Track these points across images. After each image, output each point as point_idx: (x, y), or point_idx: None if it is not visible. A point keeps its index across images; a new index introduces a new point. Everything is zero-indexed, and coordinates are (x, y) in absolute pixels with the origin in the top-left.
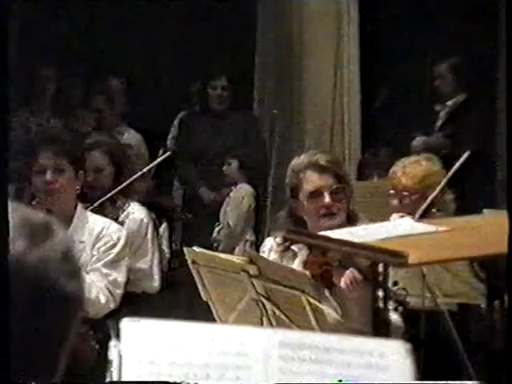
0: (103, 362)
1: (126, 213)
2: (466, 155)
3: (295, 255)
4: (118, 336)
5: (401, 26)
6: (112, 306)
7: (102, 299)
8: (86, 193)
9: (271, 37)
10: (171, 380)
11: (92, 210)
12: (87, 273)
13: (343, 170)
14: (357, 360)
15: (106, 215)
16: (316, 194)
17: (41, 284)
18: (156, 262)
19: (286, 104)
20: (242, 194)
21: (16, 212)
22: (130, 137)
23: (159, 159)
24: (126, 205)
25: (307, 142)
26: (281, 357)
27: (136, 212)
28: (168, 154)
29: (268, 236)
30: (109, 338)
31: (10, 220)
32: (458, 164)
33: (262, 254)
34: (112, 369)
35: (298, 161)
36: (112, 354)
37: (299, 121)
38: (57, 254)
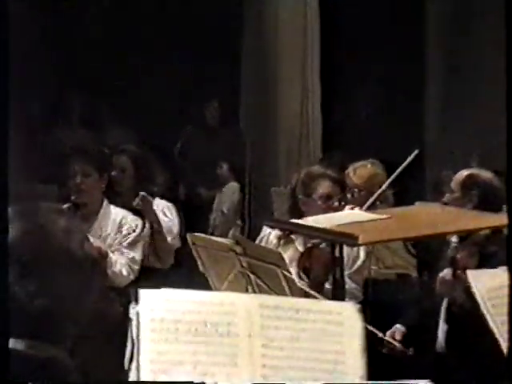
0: (125, 320)
1: (155, 205)
2: (413, 155)
3: (293, 241)
4: (136, 300)
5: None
6: (132, 277)
7: (124, 272)
8: (113, 186)
9: (253, 71)
10: (176, 333)
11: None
12: (112, 252)
13: (343, 182)
14: (320, 317)
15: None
16: (328, 197)
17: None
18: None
19: (264, 119)
20: (232, 189)
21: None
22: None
23: None
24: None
25: (281, 147)
26: (261, 315)
27: (159, 205)
28: None
29: (250, 221)
30: (130, 302)
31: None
32: (405, 163)
33: (261, 239)
34: (132, 325)
35: (314, 169)
36: (132, 313)
37: (274, 133)
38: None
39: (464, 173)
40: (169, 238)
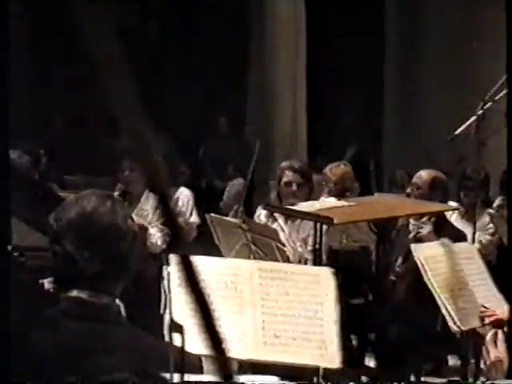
0: (160, 278)
1: (179, 191)
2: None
3: (276, 219)
4: (167, 263)
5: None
6: (164, 246)
7: (159, 242)
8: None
9: (257, 91)
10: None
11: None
12: (151, 227)
13: (307, 172)
14: (303, 278)
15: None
16: (289, 184)
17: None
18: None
19: (263, 131)
20: (238, 183)
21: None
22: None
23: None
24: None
25: (277, 152)
26: (260, 276)
27: (184, 191)
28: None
29: (256, 208)
30: (163, 265)
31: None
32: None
33: (255, 217)
34: (164, 281)
35: (283, 164)
36: (164, 273)
37: (271, 141)
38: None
39: (432, 174)
40: (185, 219)
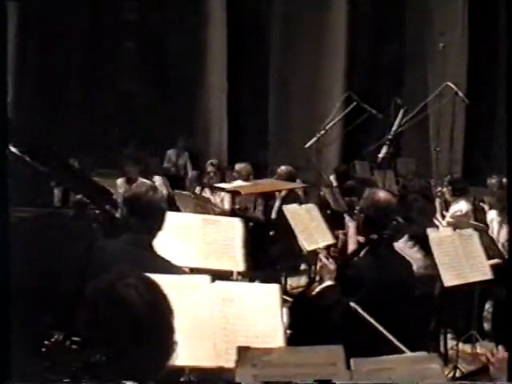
0: None
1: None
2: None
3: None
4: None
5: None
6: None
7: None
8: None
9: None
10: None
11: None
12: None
13: (221, 166)
14: (225, 222)
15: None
16: (208, 172)
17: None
18: None
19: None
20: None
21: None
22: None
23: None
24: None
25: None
26: (203, 223)
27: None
28: None
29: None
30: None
31: None
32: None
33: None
34: None
35: (208, 162)
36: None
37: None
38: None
39: (289, 168)
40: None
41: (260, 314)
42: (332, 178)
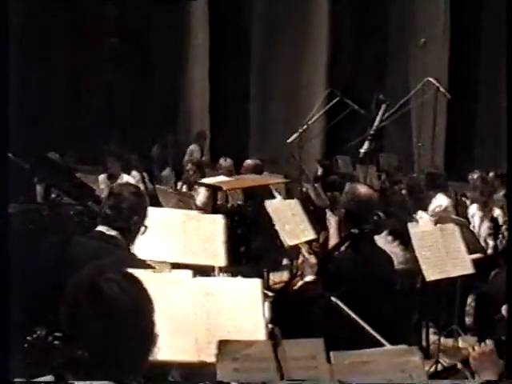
0: None
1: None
2: None
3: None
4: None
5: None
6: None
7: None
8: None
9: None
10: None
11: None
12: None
13: (200, 164)
14: (207, 219)
15: None
16: (189, 170)
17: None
18: None
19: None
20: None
21: None
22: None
23: None
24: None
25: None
26: (184, 221)
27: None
28: None
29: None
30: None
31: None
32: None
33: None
34: None
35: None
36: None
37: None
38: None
39: (256, 162)
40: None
41: (241, 309)
42: (320, 171)
